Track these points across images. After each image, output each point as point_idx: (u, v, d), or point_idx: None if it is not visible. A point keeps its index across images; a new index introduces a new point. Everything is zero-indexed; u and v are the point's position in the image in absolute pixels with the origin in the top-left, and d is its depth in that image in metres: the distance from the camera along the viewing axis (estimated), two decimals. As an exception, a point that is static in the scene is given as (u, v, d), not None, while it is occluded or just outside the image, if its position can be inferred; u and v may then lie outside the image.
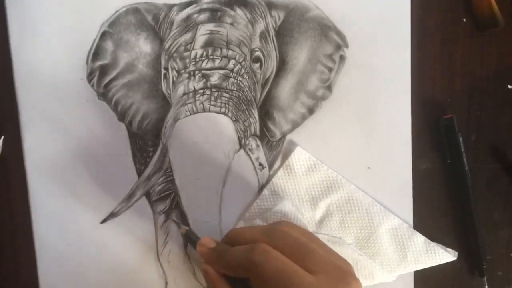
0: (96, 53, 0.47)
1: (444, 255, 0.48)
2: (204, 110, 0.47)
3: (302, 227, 0.43)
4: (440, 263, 0.48)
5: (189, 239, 0.45)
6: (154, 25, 0.47)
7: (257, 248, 0.37)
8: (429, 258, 0.47)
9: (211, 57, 0.46)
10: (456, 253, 0.48)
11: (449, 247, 0.48)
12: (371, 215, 0.47)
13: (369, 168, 0.47)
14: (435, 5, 0.47)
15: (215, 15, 0.47)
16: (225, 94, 0.47)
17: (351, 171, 0.48)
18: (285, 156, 0.48)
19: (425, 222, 0.48)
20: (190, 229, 0.46)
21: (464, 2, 0.47)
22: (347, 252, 0.47)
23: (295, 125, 0.48)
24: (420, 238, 0.47)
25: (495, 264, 0.49)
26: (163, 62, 0.47)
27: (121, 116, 0.48)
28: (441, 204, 0.48)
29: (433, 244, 0.48)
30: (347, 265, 0.39)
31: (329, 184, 0.47)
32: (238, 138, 0.47)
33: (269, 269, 0.35)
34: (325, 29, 0.47)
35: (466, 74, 0.48)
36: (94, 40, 0.47)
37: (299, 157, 0.47)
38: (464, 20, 0.47)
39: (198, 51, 0.46)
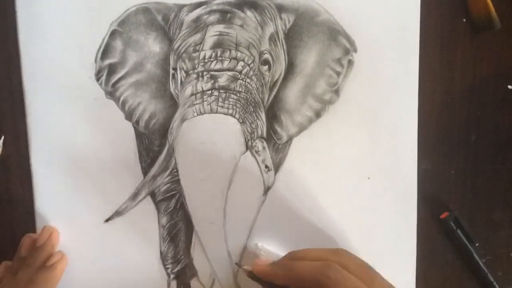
0: (105, 51, 0.47)
1: None
2: (211, 111, 0.47)
3: None
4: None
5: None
6: (164, 25, 0.47)
7: (333, 266, 0.38)
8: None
9: (220, 58, 0.46)
10: None
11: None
12: None
13: (369, 178, 0.47)
14: (435, 5, 0.47)
15: (225, 17, 0.47)
16: (233, 96, 0.47)
17: (355, 176, 0.48)
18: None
19: (430, 228, 0.48)
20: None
21: (464, 2, 0.47)
22: None
23: (302, 128, 0.48)
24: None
25: (495, 264, 0.48)
26: (171, 62, 0.47)
27: (129, 115, 0.48)
28: (447, 209, 0.48)
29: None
30: None
31: None
32: (245, 139, 0.47)
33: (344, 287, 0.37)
34: (334, 33, 0.47)
35: (466, 74, 0.47)
36: (104, 39, 0.47)
37: None
38: (464, 20, 0.47)
39: (207, 52, 0.47)
